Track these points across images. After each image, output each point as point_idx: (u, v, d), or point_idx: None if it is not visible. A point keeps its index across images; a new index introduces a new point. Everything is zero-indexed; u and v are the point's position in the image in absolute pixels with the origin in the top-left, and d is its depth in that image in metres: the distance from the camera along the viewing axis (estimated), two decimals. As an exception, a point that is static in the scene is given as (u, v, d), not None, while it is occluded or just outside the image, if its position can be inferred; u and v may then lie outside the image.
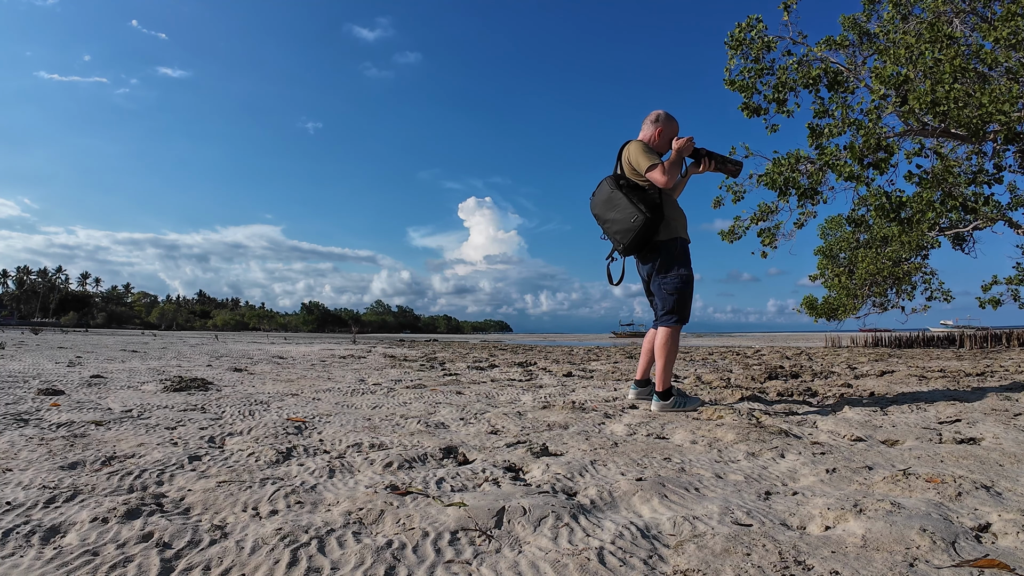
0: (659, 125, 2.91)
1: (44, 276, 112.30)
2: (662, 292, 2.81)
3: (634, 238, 2.73)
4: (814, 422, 2.46)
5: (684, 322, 2.82)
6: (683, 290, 2.78)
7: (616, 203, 2.76)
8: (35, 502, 1.26)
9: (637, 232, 2.71)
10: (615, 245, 2.86)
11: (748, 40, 9.61)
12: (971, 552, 1.03)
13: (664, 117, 2.94)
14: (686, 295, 2.79)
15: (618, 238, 2.80)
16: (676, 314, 2.79)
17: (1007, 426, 2.21)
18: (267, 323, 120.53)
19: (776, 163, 9.59)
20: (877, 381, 4.33)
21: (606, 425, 2.42)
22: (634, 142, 2.83)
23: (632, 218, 2.71)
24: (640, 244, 2.77)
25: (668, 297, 2.79)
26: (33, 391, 3.22)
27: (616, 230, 2.79)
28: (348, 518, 1.20)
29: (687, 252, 2.85)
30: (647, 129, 2.94)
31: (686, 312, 2.82)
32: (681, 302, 2.79)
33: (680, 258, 2.80)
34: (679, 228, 2.84)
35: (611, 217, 2.79)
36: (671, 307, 2.79)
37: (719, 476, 1.58)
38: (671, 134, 2.91)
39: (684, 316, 2.82)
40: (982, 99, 7.30)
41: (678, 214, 2.88)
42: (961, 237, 11.82)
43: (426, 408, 2.89)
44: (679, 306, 2.79)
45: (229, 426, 2.28)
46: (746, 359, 8.23)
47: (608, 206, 2.80)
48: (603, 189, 2.84)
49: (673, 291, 2.78)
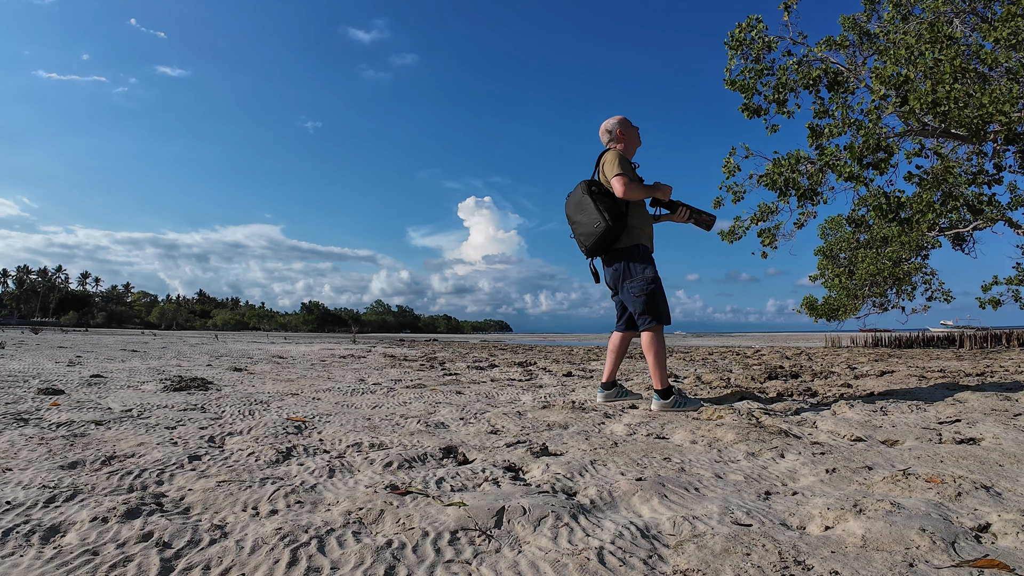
0: (623, 135, 3.08)
1: (44, 276, 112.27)
2: (630, 296, 2.91)
3: (595, 242, 2.87)
4: (814, 422, 2.46)
5: (662, 321, 2.88)
6: (649, 290, 2.86)
7: (584, 207, 2.89)
8: (35, 501, 1.26)
9: (598, 237, 2.84)
10: (580, 246, 2.99)
11: (748, 40, 9.61)
12: (971, 552, 1.03)
13: (624, 124, 3.10)
14: (655, 295, 2.86)
15: (582, 240, 2.94)
16: (650, 315, 2.86)
17: (1007, 426, 2.21)
18: (267, 323, 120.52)
19: (776, 163, 9.59)
20: (877, 381, 4.33)
21: (606, 425, 2.42)
22: (611, 151, 2.97)
23: (595, 224, 2.84)
24: (600, 249, 2.90)
25: (636, 300, 2.89)
26: (33, 391, 3.22)
27: (580, 232, 2.93)
28: (348, 518, 1.20)
29: (649, 256, 2.96)
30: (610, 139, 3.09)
31: (660, 311, 2.87)
32: (651, 303, 2.86)
33: (642, 262, 2.91)
34: (641, 236, 2.95)
35: (578, 220, 2.93)
36: (643, 309, 2.88)
37: (719, 476, 1.58)
38: (634, 139, 3.11)
39: (659, 316, 2.87)
40: (982, 99, 7.30)
41: (644, 224, 2.99)
42: (961, 237, 11.82)
43: (426, 408, 2.89)
44: (650, 307, 2.86)
45: (229, 426, 2.28)
46: (746, 359, 8.23)
47: (578, 209, 2.93)
48: (576, 192, 2.98)
49: (640, 293, 2.87)
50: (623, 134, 3.09)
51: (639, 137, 3.16)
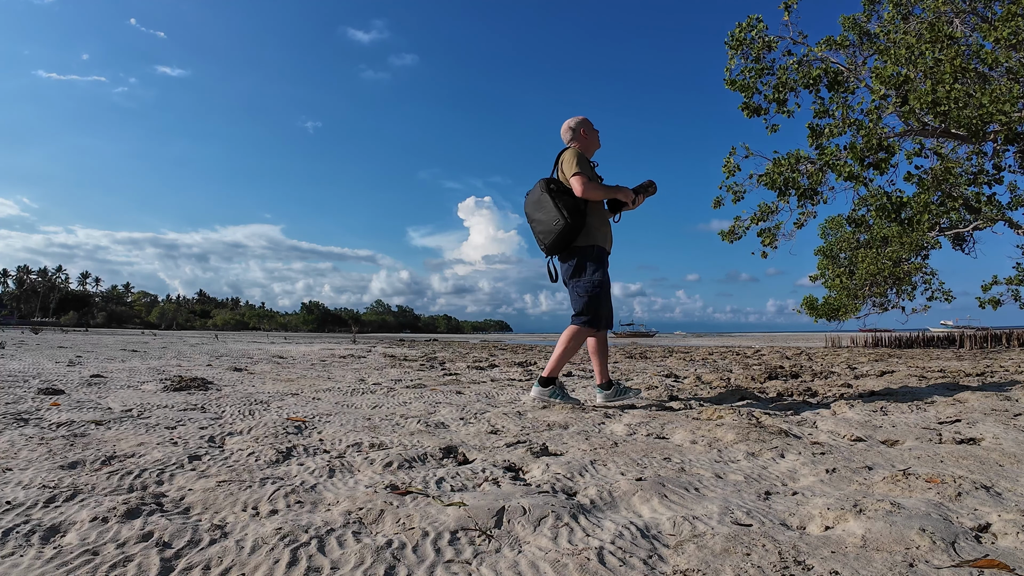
0: (585, 134, 3.12)
1: (44, 276, 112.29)
2: (574, 294, 2.97)
3: (554, 240, 2.89)
4: (814, 422, 2.46)
5: (596, 326, 2.94)
6: (593, 294, 2.91)
7: (543, 205, 2.91)
8: (35, 501, 1.26)
9: (557, 235, 2.87)
10: (539, 244, 3.02)
11: (748, 40, 9.60)
12: (971, 552, 1.03)
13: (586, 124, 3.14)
14: (597, 299, 2.91)
15: (541, 238, 2.97)
16: (585, 316, 2.93)
17: (1007, 426, 2.21)
18: (267, 323, 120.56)
19: (776, 163, 9.59)
20: (877, 381, 4.33)
21: (606, 425, 2.42)
22: (570, 150, 3.00)
23: (554, 221, 2.86)
24: (559, 246, 2.93)
25: (579, 299, 2.95)
26: (33, 390, 3.22)
27: (540, 230, 2.96)
28: (348, 518, 1.20)
29: (603, 259, 2.99)
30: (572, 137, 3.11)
31: (597, 316, 2.93)
32: (591, 305, 2.91)
33: (594, 264, 2.94)
34: (598, 237, 2.98)
35: (537, 218, 2.95)
36: (581, 309, 2.94)
37: (719, 476, 1.58)
38: (594, 141, 3.16)
39: (594, 319, 2.93)
40: (982, 99, 7.30)
41: (602, 224, 3.02)
42: (961, 237, 11.82)
43: (426, 408, 2.89)
44: (588, 309, 2.92)
45: (229, 426, 2.28)
46: (746, 359, 8.23)
47: (537, 207, 2.96)
48: (535, 190, 3.00)
49: (584, 294, 2.92)
50: (585, 134, 3.12)
51: (599, 140, 3.21)
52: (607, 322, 2.97)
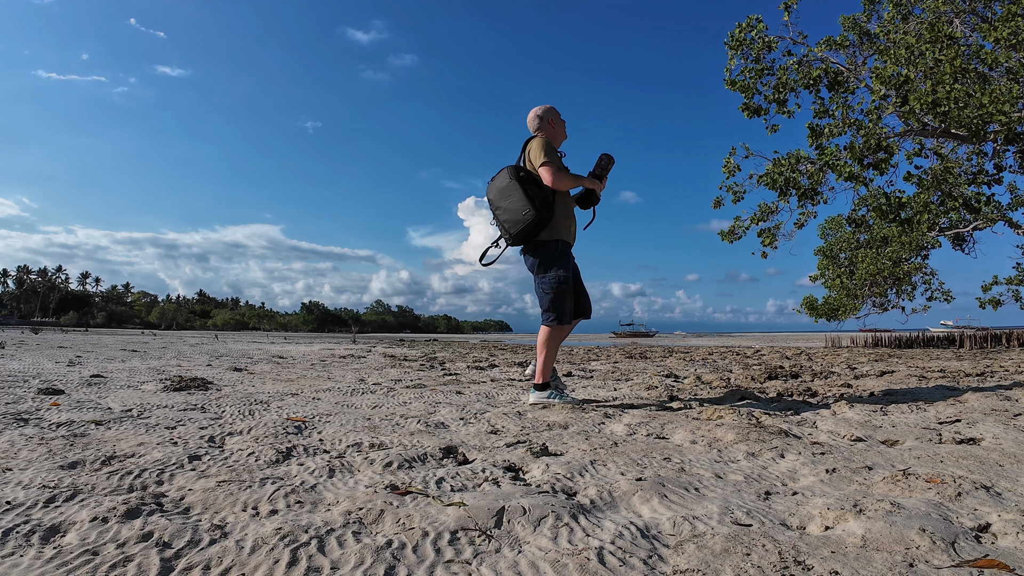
0: (552, 123, 3.09)
1: (44, 276, 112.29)
2: (540, 291, 2.96)
3: (521, 230, 2.85)
4: (814, 422, 2.46)
5: (562, 321, 2.93)
6: (558, 289, 2.90)
7: (511, 193, 2.86)
8: (35, 501, 1.26)
9: (525, 225, 2.83)
10: (502, 233, 2.97)
11: (748, 40, 9.60)
12: (971, 552, 1.03)
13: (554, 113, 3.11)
14: (562, 294, 2.90)
15: (507, 226, 2.91)
16: (553, 312, 2.91)
17: (1007, 426, 2.21)
18: (267, 323, 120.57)
19: (776, 163, 9.59)
20: (877, 381, 4.33)
21: (606, 425, 2.42)
22: (538, 138, 2.96)
23: (524, 211, 2.82)
24: (525, 237, 2.90)
25: (544, 296, 2.93)
26: (33, 390, 3.22)
27: (506, 219, 2.90)
28: (348, 518, 1.20)
29: (567, 255, 2.97)
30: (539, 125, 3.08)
31: (563, 312, 2.92)
32: (557, 301, 2.90)
33: (559, 260, 2.92)
34: (563, 232, 2.96)
35: (504, 205, 2.90)
36: (547, 306, 2.93)
37: (719, 476, 1.58)
38: (561, 131, 3.14)
39: (561, 315, 2.92)
40: (982, 99, 7.30)
41: (565, 216, 2.99)
42: (961, 237, 11.82)
43: (426, 408, 2.89)
44: (554, 305, 2.91)
45: (229, 426, 2.28)
46: (746, 359, 8.23)
47: (503, 194, 2.90)
48: (502, 176, 2.93)
49: (549, 290, 2.91)
50: (552, 123, 3.09)
51: (565, 131, 3.18)
52: (569, 316, 2.96)
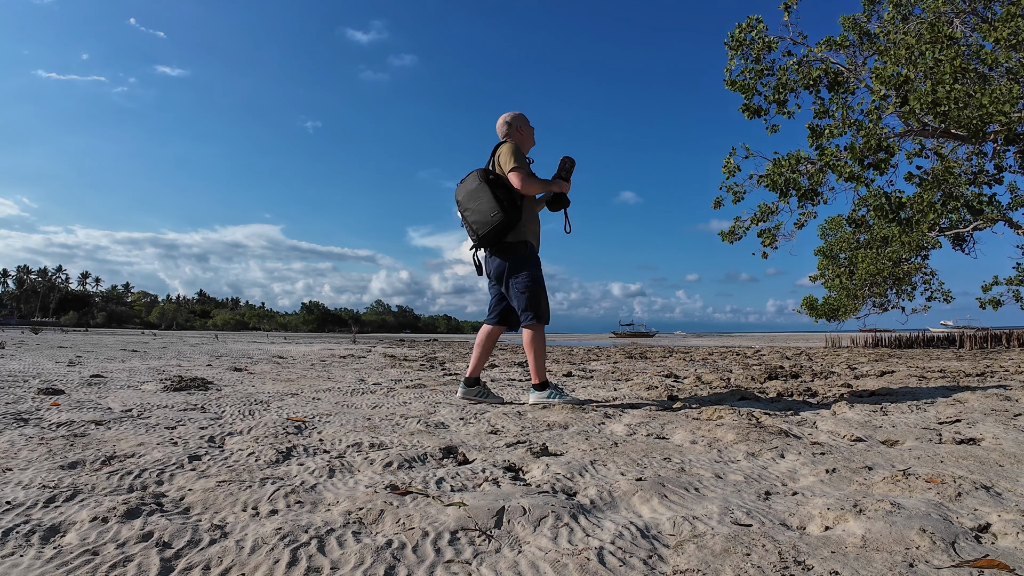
0: (521, 130, 3.15)
1: (44, 276, 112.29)
2: (515, 291, 2.97)
3: (488, 232, 2.89)
4: (814, 422, 2.46)
5: (542, 319, 2.96)
6: (534, 288, 2.93)
7: (480, 195, 2.91)
8: (35, 501, 1.26)
9: (493, 227, 2.87)
10: (470, 234, 3.01)
11: (748, 41, 9.60)
12: (971, 552, 1.03)
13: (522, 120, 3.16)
14: (538, 293, 2.94)
15: (475, 228, 2.94)
16: (531, 311, 2.94)
17: (1007, 426, 2.21)
18: (267, 323, 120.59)
19: (776, 164, 9.59)
20: (877, 381, 4.33)
21: (606, 425, 2.42)
22: (508, 144, 3.01)
23: (492, 213, 2.86)
24: (491, 240, 2.93)
25: (521, 296, 2.94)
26: (33, 390, 3.22)
27: (474, 220, 2.94)
28: (348, 518, 1.20)
29: (533, 254, 3.02)
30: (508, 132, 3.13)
31: (541, 309, 2.95)
32: (534, 300, 2.93)
33: (530, 260, 2.97)
34: (528, 234, 3.01)
35: (472, 207, 2.94)
36: (525, 305, 2.94)
37: (719, 476, 1.58)
38: (529, 138, 3.19)
39: (540, 313, 2.95)
40: (982, 100, 7.30)
41: (531, 221, 3.05)
42: (961, 237, 11.82)
43: (426, 408, 2.89)
44: (532, 304, 2.93)
45: (229, 426, 2.28)
46: (746, 359, 8.23)
47: (472, 196, 2.94)
48: (472, 179, 2.98)
49: (524, 289, 2.93)
50: (520, 130, 3.14)
51: (533, 138, 3.23)
52: (548, 315, 3.00)
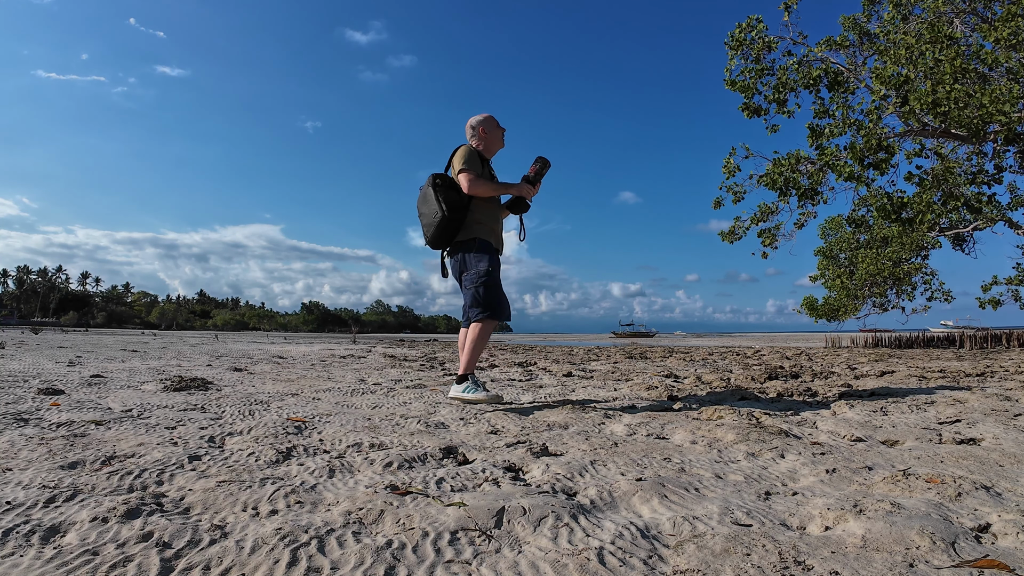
0: (485, 133, 3.13)
1: (44, 276, 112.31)
2: (466, 287, 2.97)
3: (433, 233, 2.91)
4: (814, 422, 2.46)
5: (494, 316, 2.92)
6: (485, 283, 2.90)
7: (428, 199, 2.94)
8: (35, 501, 1.26)
9: (435, 228, 2.89)
10: (424, 238, 3.03)
11: (748, 40, 9.60)
12: (971, 552, 1.03)
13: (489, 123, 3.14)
14: (489, 288, 2.91)
15: (425, 231, 2.98)
16: (479, 307, 2.92)
17: (1007, 426, 2.21)
18: (267, 323, 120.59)
19: (776, 163, 9.59)
20: (877, 381, 4.33)
21: (606, 425, 2.42)
22: (463, 147, 3.02)
23: (435, 215, 2.89)
24: (439, 239, 2.94)
25: (468, 291, 2.95)
26: (33, 391, 3.22)
27: (424, 223, 2.97)
28: (348, 518, 1.20)
29: (486, 250, 2.96)
30: (470, 135, 3.14)
31: (491, 305, 2.91)
32: (484, 295, 2.90)
33: (481, 256, 2.94)
34: (481, 231, 2.98)
35: (423, 211, 2.98)
36: (473, 301, 2.93)
37: (719, 476, 1.58)
38: (496, 141, 3.16)
39: (491, 309, 2.91)
40: (982, 99, 7.30)
41: (487, 219, 3.02)
42: (961, 237, 11.82)
43: (426, 408, 2.89)
44: (481, 300, 2.91)
45: (229, 426, 2.28)
46: (746, 359, 8.23)
47: (423, 200, 2.98)
48: (425, 185, 3.02)
49: (471, 285, 2.92)
50: (485, 133, 3.13)
51: (503, 140, 3.21)
52: (500, 311, 2.93)
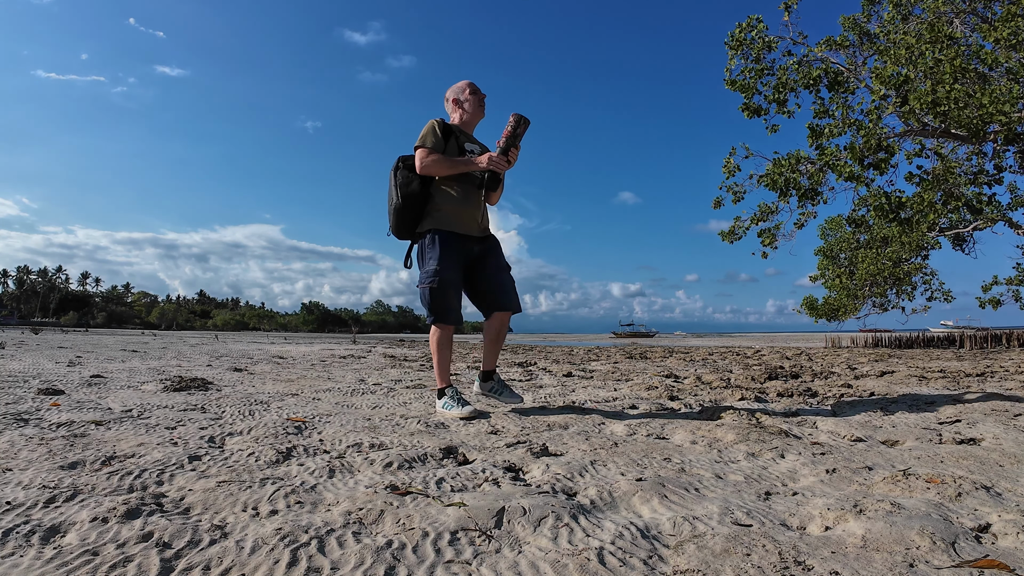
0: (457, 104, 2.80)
1: (44, 276, 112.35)
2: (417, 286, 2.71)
3: (392, 222, 2.68)
4: (814, 422, 2.46)
5: (441, 320, 2.64)
6: (430, 284, 2.60)
7: (389, 184, 2.70)
8: (35, 502, 1.26)
9: (392, 215, 2.66)
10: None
11: (748, 40, 9.60)
12: (971, 552, 1.03)
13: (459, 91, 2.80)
14: (434, 291, 2.59)
15: (389, 220, 2.72)
16: (426, 309, 2.67)
17: (1007, 426, 2.21)
18: (267, 323, 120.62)
19: (776, 164, 9.59)
20: (877, 381, 4.33)
21: (606, 425, 2.42)
22: (430, 121, 2.70)
23: (391, 201, 2.66)
24: (399, 229, 2.70)
25: (420, 292, 2.68)
26: (33, 391, 3.22)
27: (387, 211, 2.71)
28: (348, 518, 1.20)
29: (439, 246, 2.62)
30: (448, 109, 2.84)
31: (436, 310, 2.62)
32: (428, 298, 2.62)
33: (430, 251, 2.63)
34: (442, 220, 2.64)
35: (386, 198, 2.72)
36: (423, 303, 2.68)
37: (719, 476, 1.58)
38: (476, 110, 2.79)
39: (435, 314, 2.63)
40: (982, 99, 7.30)
41: (450, 202, 2.66)
42: (961, 237, 11.82)
43: (426, 408, 2.89)
44: (426, 303, 2.64)
45: (229, 426, 2.28)
46: (746, 359, 8.23)
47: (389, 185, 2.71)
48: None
49: (418, 285, 2.67)
50: (459, 103, 2.77)
51: (482, 107, 2.81)
52: (444, 315, 2.63)
